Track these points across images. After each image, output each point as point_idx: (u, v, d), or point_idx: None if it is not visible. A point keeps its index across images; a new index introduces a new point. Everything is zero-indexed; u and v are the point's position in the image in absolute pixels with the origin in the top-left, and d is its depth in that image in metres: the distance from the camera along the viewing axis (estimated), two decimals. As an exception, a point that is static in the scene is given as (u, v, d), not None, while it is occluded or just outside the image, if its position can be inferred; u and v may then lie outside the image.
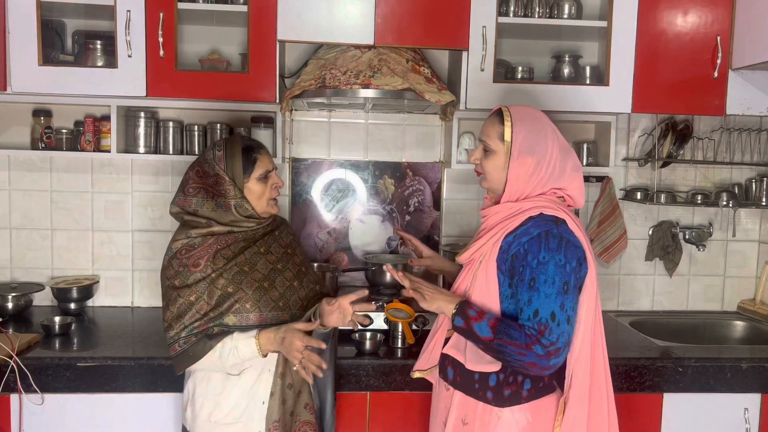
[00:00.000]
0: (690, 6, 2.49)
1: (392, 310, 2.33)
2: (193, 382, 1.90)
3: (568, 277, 1.66)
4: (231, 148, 1.90)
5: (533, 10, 2.54)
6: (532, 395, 1.76)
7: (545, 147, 1.75)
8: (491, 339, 1.66)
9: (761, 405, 2.32)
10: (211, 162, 1.89)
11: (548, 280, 1.65)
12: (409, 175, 2.85)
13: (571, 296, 1.67)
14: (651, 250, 2.92)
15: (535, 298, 1.65)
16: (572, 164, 1.80)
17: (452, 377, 1.84)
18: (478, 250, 1.81)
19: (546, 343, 1.62)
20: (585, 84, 2.61)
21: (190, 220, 1.91)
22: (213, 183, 1.88)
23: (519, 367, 1.65)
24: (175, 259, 1.86)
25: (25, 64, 2.30)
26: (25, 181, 2.71)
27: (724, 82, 2.52)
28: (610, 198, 2.79)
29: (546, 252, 1.67)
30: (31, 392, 2.09)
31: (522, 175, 1.75)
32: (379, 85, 2.30)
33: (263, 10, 2.35)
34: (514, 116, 1.78)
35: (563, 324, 1.64)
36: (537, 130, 1.77)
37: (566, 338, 1.64)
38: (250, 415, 1.85)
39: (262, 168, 1.90)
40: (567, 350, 1.66)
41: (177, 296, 1.84)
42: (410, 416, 2.24)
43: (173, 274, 1.85)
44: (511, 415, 1.75)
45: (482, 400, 1.77)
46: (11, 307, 2.55)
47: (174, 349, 1.83)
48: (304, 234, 2.83)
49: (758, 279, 2.98)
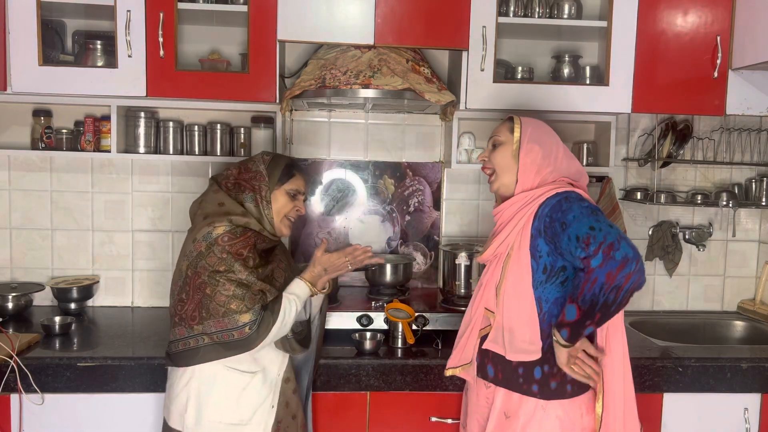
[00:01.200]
0: (690, 6, 2.49)
1: (392, 310, 2.34)
2: (197, 384, 1.86)
3: (594, 209, 1.71)
4: (278, 158, 2.01)
5: (533, 10, 2.54)
6: (574, 391, 1.80)
7: (551, 143, 1.88)
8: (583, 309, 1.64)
9: (761, 405, 2.32)
10: (257, 161, 1.98)
11: (576, 215, 1.68)
12: (409, 175, 2.85)
13: (603, 216, 1.69)
14: (651, 250, 2.92)
15: (571, 230, 1.67)
16: (576, 169, 1.91)
17: (493, 375, 1.86)
18: (502, 243, 1.86)
19: (594, 248, 1.60)
20: (585, 84, 2.61)
21: (229, 209, 1.90)
22: (250, 177, 1.95)
23: (619, 286, 1.60)
24: (216, 245, 1.83)
25: (25, 64, 2.30)
26: (25, 181, 2.71)
27: (724, 82, 2.52)
28: (610, 198, 2.79)
29: (567, 203, 1.73)
30: (31, 392, 2.09)
31: (532, 162, 1.84)
32: (379, 85, 2.30)
33: (263, 10, 2.35)
34: (523, 119, 1.91)
35: (605, 228, 1.63)
36: (544, 130, 1.91)
37: (615, 235, 1.61)
38: (259, 418, 1.89)
39: (296, 184, 2.00)
40: (627, 243, 1.61)
41: (226, 282, 1.80)
42: (410, 416, 2.24)
43: (217, 261, 1.82)
44: (553, 409, 1.78)
45: (528, 393, 1.80)
46: (11, 307, 2.55)
47: (242, 333, 1.79)
48: (304, 234, 2.83)
49: (758, 279, 2.98)
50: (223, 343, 1.82)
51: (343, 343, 2.30)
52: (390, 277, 2.63)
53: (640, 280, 1.63)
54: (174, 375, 1.92)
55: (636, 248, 1.64)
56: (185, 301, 1.85)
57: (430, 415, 2.23)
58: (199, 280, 1.83)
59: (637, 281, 1.62)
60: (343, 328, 2.36)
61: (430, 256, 2.88)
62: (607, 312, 1.65)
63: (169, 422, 1.90)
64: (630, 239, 1.66)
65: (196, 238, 1.85)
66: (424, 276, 2.89)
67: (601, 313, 1.65)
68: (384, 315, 2.35)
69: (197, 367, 1.85)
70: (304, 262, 2.73)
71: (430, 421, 2.23)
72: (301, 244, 2.82)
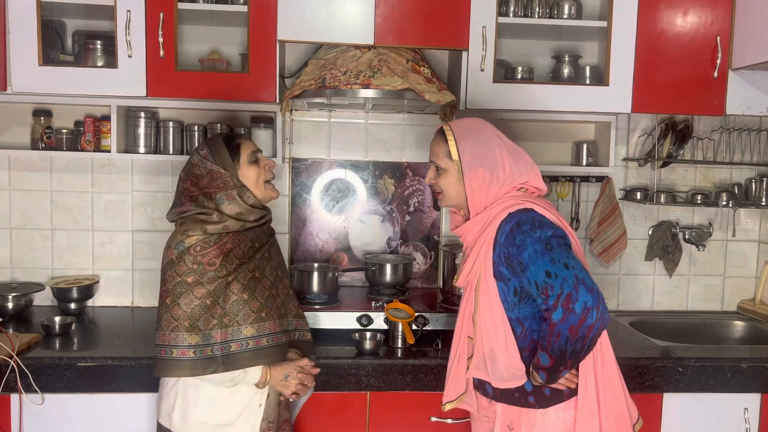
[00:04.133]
0: (690, 6, 2.49)
1: (392, 310, 2.34)
2: (184, 384, 1.84)
3: (547, 240, 1.67)
4: (213, 143, 1.92)
5: (533, 10, 2.54)
6: (572, 392, 1.78)
7: (493, 155, 1.79)
8: (554, 357, 1.65)
9: (761, 405, 2.32)
10: (199, 163, 1.89)
11: (530, 253, 1.66)
12: (409, 175, 2.85)
13: (559, 250, 1.65)
14: (651, 250, 2.92)
15: (530, 273, 1.65)
16: (524, 163, 1.83)
17: (491, 392, 1.85)
18: (470, 271, 1.83)
19: (553, 302, 1.59)
20: (585, 84, 2.61)
21: (200, 216, 1.87)
22: (208, 182, 1.87)
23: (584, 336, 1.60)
24: (188, 254, 1.80)
25: (25, 64, 2.30)
26: (25, 181, 2.71)
27: (724, 82, 2.52)
28: (609, 198, 2.79)
29: (520, 235, 1.69)
30: (31, 392, 2.09)
31: (478, 186, 1.78)
32: (379, 85, 2.30)
33: (263, 10, 2.35)
34: (456, 133, 1.82)
35: (561, 272, 1.61)
36: (481, 141, 1.81)
37: (572, 281, 1.59)
38: (246, 418, 1.87)
39: (248, 149, 1.92)
40: (585, 288, 1.59)
41: (190, 294, 1.78)
42: (410, 416, 2.24)
43: (186, 271, 1.79)
44: (555, 414, 1.77)
45: (526, 405, 1.79)
46: (11, 307, 2.55)
47: (182, 353, 1.76)
48: (304, 234, 2.83)
49: (758, 279, 2.98)
50: (160, 359, 1.79)
51: (343, 343, 2.30)
52: (390, 277, 2.63)
53: (604, 324, 1.62)
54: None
55: (595, 289, 1.60)
56: (160, 311, 1.83)
57: (430, 415, 2.23)
58: (164, 287, 1.81)
59: (600, 327, 1.61)
60: (343, 328, 2.36)
61: (430, 256, 2.88)
62: (577, 359, 1.66)
63: (159, 419, 1.91)
64: (590, 277, 1.63)
65: (170, 245, 1.83)
66: (424, 276, 2.89)
67: (572, 359, 1.66)
68: (384, 315, 2.35)
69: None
70: (304, 262, 2.75)
71: (430, 421, 2.23)
72: (301, 243, 2.83)
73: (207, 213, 1.86)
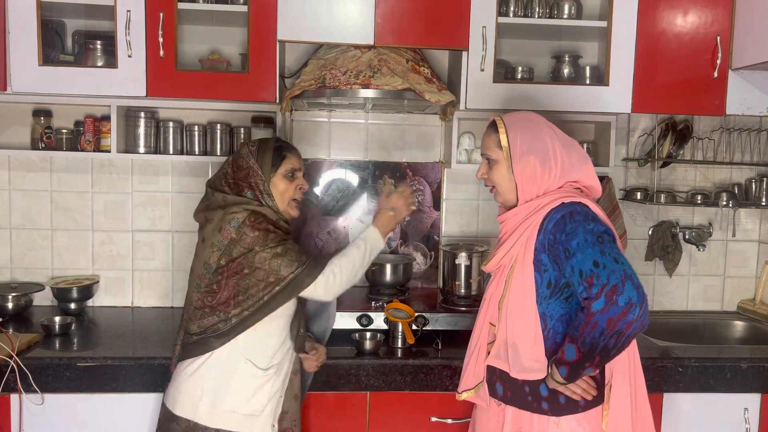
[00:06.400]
0: (690, 6, 2.49)
1: (392, 310, 2.34)
2: (215, 374, 1.87)
3: (600, 233, 1.63)
4: (264, 144, 2.00)
5: (533, 10, 2.54)
6: (589, 404, 1.72)
7: (544, 144, 1.77)
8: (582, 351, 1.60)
9: (761, 405, 2.32)
10: (245, 156, 1.96)
11: (580, 242, 1.62)
12: (409, 175, 2.85)
13: (610, 245, 1.62)
14: (651, 250, 2.92)
15: (575, 261, 1.61)
16: (577, 155, 1.80)
17: (502, 392, 1.80)
18: (506, 255, 1.79)
19: (596, 290, 1.55)
20: (585, 84, 2.61)
21: (241, 200, 1.92)
22: (244, 176, 1.94)
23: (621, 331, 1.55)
24: (245, 226, 1.84)
25: (25, 64, 2.30)
26: (25, 181, 2.71)
27: (724, 82, 2.52)
28: (609, 198, 2.79)
29: (572, 223, 1.65)
30: (31, 392, 2.09)
31: (529, 175, 1.76)
32: (379, 85, 2.30)
33: (263, 10, 2.35)
34: (507, 123, 1.81)
35: (610, 264, 1.56)
36: (532, 129, 1.80)
37: (620, 275, 1.55)
38: (270, 409, 1.92)
39: (290, 165, 1.99)
40: (632, 284, 1.54)
41: (261, 253, 1.84)
42: (410, 416, 2.24)
43: (250, 242, 1.84)
44: (568, 426, 1.72)
45: (538, 411, 1.73)
46: (11, 307, 2.55)
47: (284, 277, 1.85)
48: (304, 234, 2.83)
49: (758, 279, 2.98)
50: (264, 303, 1.86)
51: (343, 343, 2.30)
52: (390, 277, 2.63)
53: (643, 325, 1.56)
54: (186, 366, 1.90)
55: (641, 288, 1.56)
56: (217, 292, 1.86)
57: (430, 415, 2.23)
58: (234, 264, 1.85)
59: (639, 327, 1.56)
60: (343, 328, 2.36)
61: (430, 256, 2.88)
62: (606, 356, 1.60)
63: (174, 410, 1.88)
64: (637, 276, 1.58)
65: (222, 227, 1.87)
66: (424, 276, 2.89)
67: (601, 357, 1.60)
68: (384, 315, 2.35)
69: (215, 358, 1.86)
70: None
71: (430, 421, 2.23)
72: (301, 244, 2.82)
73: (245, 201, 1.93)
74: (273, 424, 1.93)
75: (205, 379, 1.87)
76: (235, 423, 1.87)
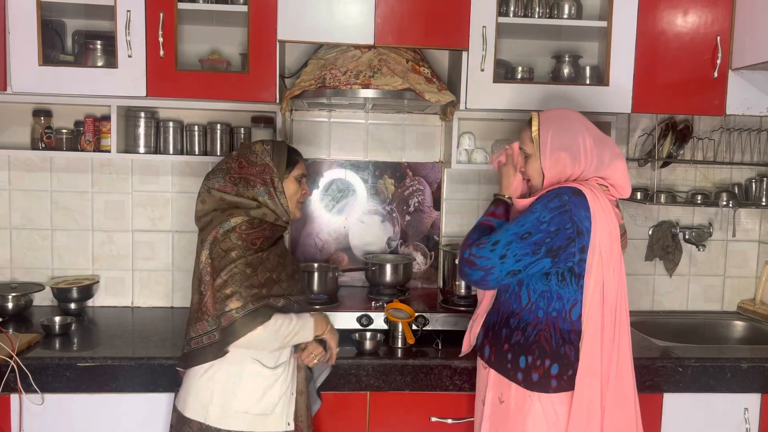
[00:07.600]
0: (690, 6, 2.49)
1: (392, 310, 2.34)
2: (224, 377, 1.87)
3: (536, 233, 1.74)
4: (279, 145, 2.02)
5: (533, 10, 2.54)
6: (561, 386, 1.78)
7: (576, 141, 1.84)
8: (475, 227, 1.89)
9: (761, 405, 2.32)
10: (260, 153, 1.98)
11: (521, 221, 1.76)
12: (409, 175, 2.85)
13: (524, 246, 1.73)
14: (651, 250, 2.92)
15: (503, 229, 1.78)
16: (610, 153, 1.87)
17: (488, 355, 1.92)
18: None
19: (470, 251, 1.77)
20: (585, 84, 2.60)
21: (241, 203, 1.93)
22: (259, 172, 1.95)
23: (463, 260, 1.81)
24: (234, 232, 1.86)
25: (25, 64, 2.30)
26: (25, 181, 2.71)
27: (724, 82, 2.52)
28: (610, 198, 2.79)
29: (540, 204, 1.77)
30: (31, 392, 2.09)
31: (559, 170, 1.84)
32: (379, 85, 2.30)
33: (263, 10, 2.35)
34: (541, 118, 1.89)
35: (496, 253, 1.75)
36: (565, 126, 1.87)
37: (486, 264, 1.75)
38: (281, 408, 1.92)
39: (300, 170, 2.04)
40: (487, 279, 1.77)
41: (231, 266, 1.83)
42: (410, 416, 2.24)
43: (231, 246, 1.85)
44: (551, 404, 1.78)
45: (513, 380, 1.83)
46: (11, 307, 2.55)
47: (228, 318, 1.81)
48: (304, 234, 2.83)
49: (758, 279, 2.98)
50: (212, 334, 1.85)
51: (343, 343, 2.28)
52: (390, 277, 2.63)
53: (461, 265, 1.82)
54: (195, 368, 1.90)
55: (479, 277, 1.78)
56: (204, 293, 1.85)
57: (430, 415, 2.24)
58: (213, 265, 1.85)
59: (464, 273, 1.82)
60: (343, 328, 2.35)
61: (430, 256, 2.88)
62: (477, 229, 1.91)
63: (185, 413, 1.89)
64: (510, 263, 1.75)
65: (214, 225, 1.88)
66: (424, 276, 2.89)
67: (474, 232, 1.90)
68: (384, 315, 2.35)
69: (223, 360, 1.85)
70: (303, 262, 2.75)
71: (430, 421, 2.24)
72: (301, 244, 2.82)
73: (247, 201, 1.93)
74: (288, 422, 1.93)
75: (214, 380, 1.88)
76: (247, 423, 1.87)
